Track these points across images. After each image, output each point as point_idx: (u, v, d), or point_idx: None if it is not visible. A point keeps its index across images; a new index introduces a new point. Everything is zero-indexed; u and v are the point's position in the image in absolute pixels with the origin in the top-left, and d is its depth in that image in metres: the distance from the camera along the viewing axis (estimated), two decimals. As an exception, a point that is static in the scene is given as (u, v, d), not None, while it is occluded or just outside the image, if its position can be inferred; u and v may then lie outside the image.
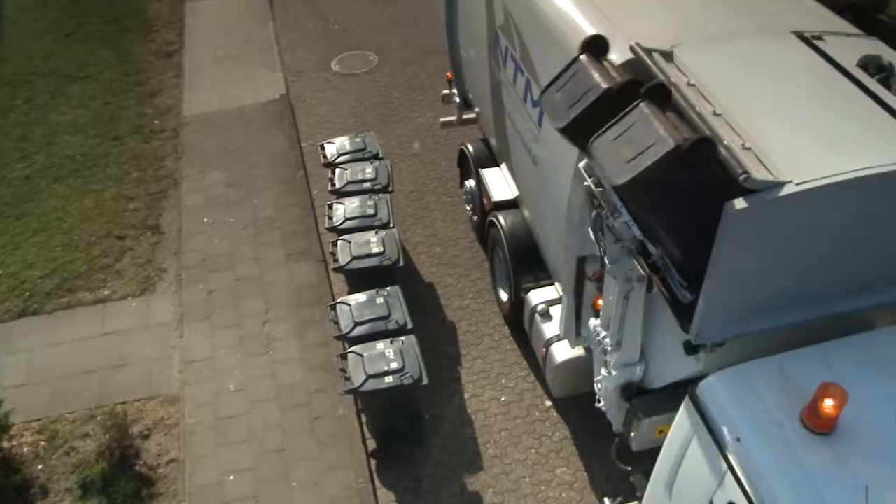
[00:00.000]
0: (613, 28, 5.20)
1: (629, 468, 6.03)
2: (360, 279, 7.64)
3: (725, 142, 4.08)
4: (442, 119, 9.80)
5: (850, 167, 4.03)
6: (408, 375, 6.54)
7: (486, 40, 7.23)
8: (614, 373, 5.50)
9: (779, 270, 4.38)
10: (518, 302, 7.64)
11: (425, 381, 6.58)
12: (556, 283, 7.03)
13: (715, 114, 4.36)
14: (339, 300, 7.19)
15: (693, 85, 4.59)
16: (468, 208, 9.39)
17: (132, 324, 8.22)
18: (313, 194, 9.94)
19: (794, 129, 4.33)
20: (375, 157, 8.89)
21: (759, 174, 3.93)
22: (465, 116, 9.49)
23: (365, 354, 6.65)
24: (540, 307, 7.13)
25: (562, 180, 5.69)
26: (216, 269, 8.82)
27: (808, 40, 5.07)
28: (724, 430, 3.85)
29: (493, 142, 8.28)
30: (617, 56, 4.89)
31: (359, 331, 6.96)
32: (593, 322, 5.74)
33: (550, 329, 6.94)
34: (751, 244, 4.09)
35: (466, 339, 8.19)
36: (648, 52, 4.80)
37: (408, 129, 11.15)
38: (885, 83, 4.69)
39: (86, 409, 7.38)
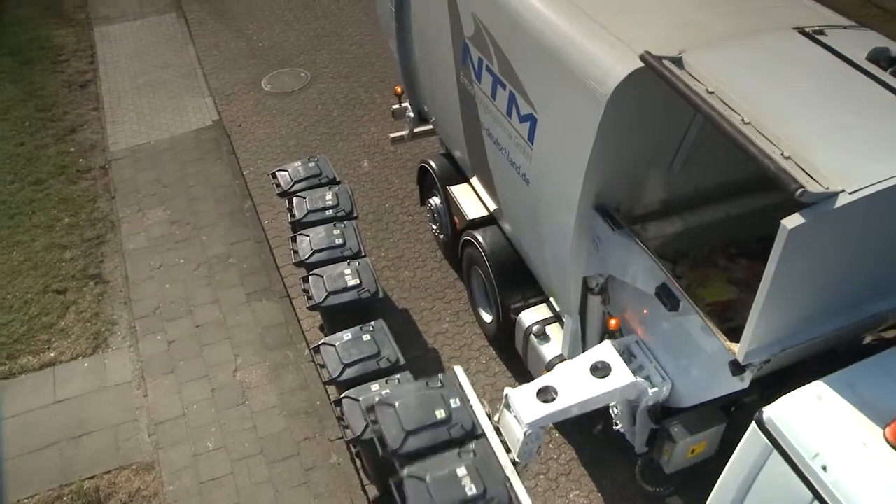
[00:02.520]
0: (614, 38, 4.93)
1: (658, 489, 5.81)
2: (337, 315, 7.17)
3: (769, 153, 3.88)
4: (392, 135, 9.41)
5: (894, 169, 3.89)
6: (412, 417, 6.11)
7: (452, 53, 6.87)
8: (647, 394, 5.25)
9: (826, 280, 4.23)
10: (506, 322, 7.33)
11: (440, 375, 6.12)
12: (551, 300, 6.74)
13: (744, 122, 4.15)
14: (322, 341, 6.69)
15: (712, 92, 4.37)
16: (434, 227, 9.02)
17: (88, 386, 7.49)
18: (265, 225, 9.37)
19: (826, 133, 4.16)
20: (333, 181, 8.42)
21: (811, 187, 3.73)
22: (417, 130, 9.16)
23: (361, 398, 6.19)
24: (535, 328, 6.85)
25: (562, 203, 5.40)
26: (173, 316, 8.17)
27: (812, 36, 4.92)
28: (806, 457, 3.62)
29: (460, 156, 7.93)
30: (625, 66, 4.63)
31: (349, 373, 6.49)
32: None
33: (550, 350, 6.67)
34: (804, 259, 3.89)
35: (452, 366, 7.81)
36: (659, 59, 4.55)
37: (353, 147, 10.69)
38: (899, 76, 4.59)
39: (49, 491, 6.63)
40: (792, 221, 3.68)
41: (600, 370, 5.25)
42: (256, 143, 10.72)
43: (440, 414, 5.43)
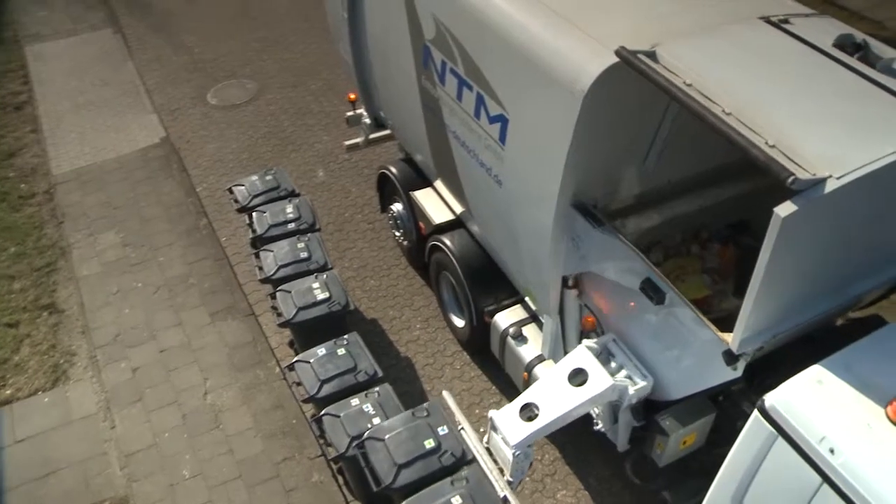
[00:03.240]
0: (585, 34, 4.91)
1: (651, 487, 5.80)
2: (308, 331, 7.00)
3: (755, 142, 3.89)
4: (346, 143, 9.28)
5: (878, 153, 3.93)
6: (397, 429, 6.00)
7: (412, 56, 6.76)
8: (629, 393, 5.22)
9: (814, 264, 4.27)
10: (480, 326, 7.26)
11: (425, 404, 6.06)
12: (526, 300, 6.68)
13: (725, 113, 4.16)
14: (296, 359, 6.51)
15: (690, 85, 4.37)
16: (397, 234, 8.90)
17: (50, 422, 7.16)
18: (223, 242, 9.11)
19: (805, 120, 4.20)
20: (292, 194, 8.25)
21: (800, 174, 3.75)
22: (372, 137, 9.04)
23: (342, 415, 6.05)
24: (511, 330, 6.79)
25: (539, 202, 5.35)
26: (135, 342, 7.87)
27: (778, 25, 4.97)
28: (812, 442, 3.63)
29: (422, 160, 7.83)
30: (600, 63, 4.60)
31: (327, 389, 6.33)
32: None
33: (529, 351, 6.61)
34: (796, 246, 3.91)
35: (427, 373, 7.71)
36: (634, 54, 4.53)
37: (307, 157, 10.50)
38: (866, 60, 4.66)
39: (18, 535, 6.35)
40: (784, 209, 3.69)
41: (578, 378, 5.15)
42: (207, 158, 10.44)
43: (429, 444, 5.52)
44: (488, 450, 5.38)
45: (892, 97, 4.32)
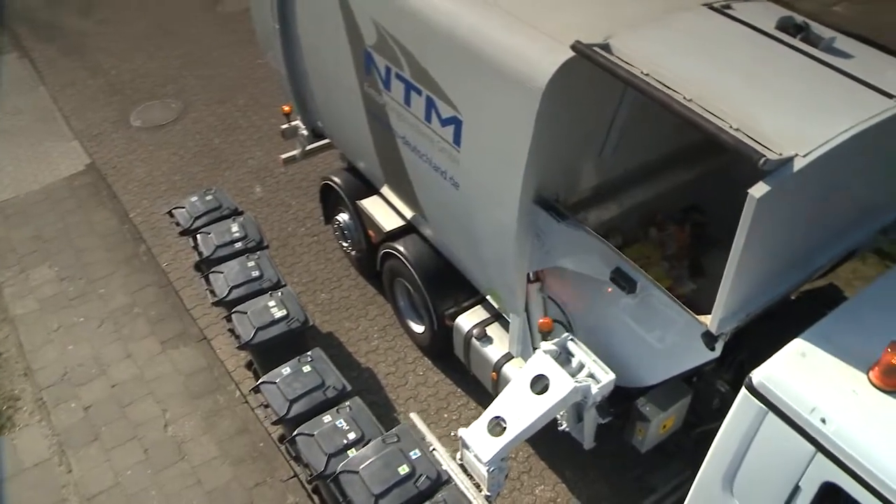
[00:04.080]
0: (536, 30, 4.93)
1: (637, 473, 5.86)
2: (269, 351, 6.82)
3: (723, 127, 3.97)
4: (283, 156, 9.08)
5: (836, 129, 4.07)
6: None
7: (352, 63, 6.66)
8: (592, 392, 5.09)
9: (785, 241, 4.40)
10: (441, 330, 7.22)
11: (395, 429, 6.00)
12: (489, 299, 6.65)
13: (686, 100, 4.23)
14: (261, 380, 6.34)
15: (647, 74, 4.43)
16: (344, 245, 8.78)
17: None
18: (165, 268, 8.82)
19: (763, 102, 4.31)
20: (235, 212, 8.04)
21: (770, 155, 3.85)
22: (310, 148, 8.90)
23: (316, 433, 5.92)
24: (475, 331, 6.76)
25: (501, 201, 5.34)
26: (84, 380, 7.53)
27: (722, 11, 5.11)
28: (803, 413, 3.72)
29: (367, 168, 7.73)
30: (555, 58, 4.62)
31: (297, 409, 6.18)
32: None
33: (495, 351, 6.60)
34: (769, 224, 4.01)
35: (391, 382, 7.63)
36: (590, 47, 4.57)
37: (242, 174, 10.26)
38: (808, 41, 4.82)
39: None
40: (758, 190, 3.77)
41: (539, 385, 5.03)
42: (137, 182, 10.08)
43: (403, 470, 5.45)
44: (462, 466, 5.33)
45: (839, 74, 4.49)
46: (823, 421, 3.67)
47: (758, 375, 3.93)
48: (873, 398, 3.71)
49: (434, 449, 5.70)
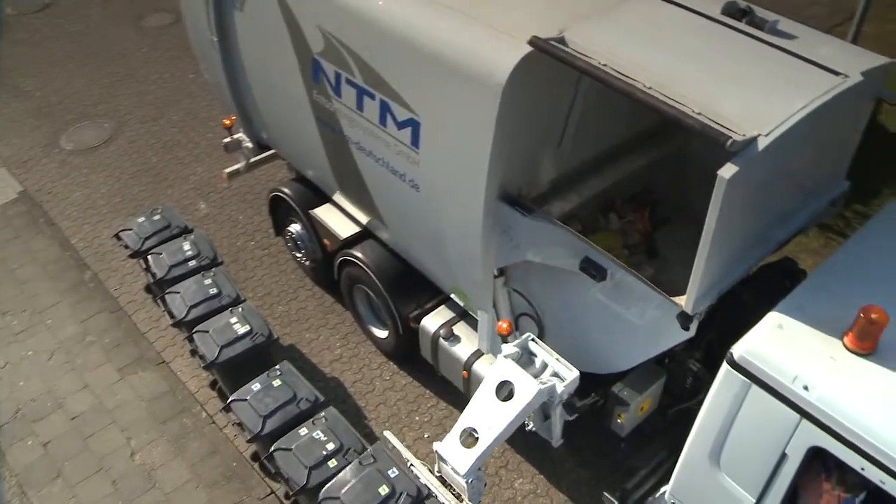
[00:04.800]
0: (490, 28, 4.97)
1: (618, 458, 5.95)
2: (235, 368, 6.71)
3: (686, 111, 4.08)
4: (226, 170, 8.90)
5: (792, 107, 4.22)
6: (352, 451, 5.88)
7: (299, 72, 6.59)
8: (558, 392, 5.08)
9: (750, 219, 4.56)
10: (406, 333, 7.21)
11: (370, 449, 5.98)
12: (453, 298, 6.66)
13: (647, 88, 4.33)
14: (231, 398, 6.23)
15: (605, 65, 4.52)
16: (298, 255, 8.68)
17: (-41, 521, 6.52)
18: (114, 293, 8.55)
19: (719, 85, 4.45)
20: (185, 230, 7.88)
21: (735, 136, 3.96)
22: (254, 160, 8.77)
23: (294, 447, 5.86)
24: (442, 332, 6.78)
25: (466, 200, 5.37)
26: (39, 415, 7.25)
27: (669, -1, 5.25)
28: (786, 383, 3.86)
29: (318, 177, 7.67)
30: (513, 54, 4.67)
31: (271, 424, 6.10)
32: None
33: (464, 350, 6.63)
34: (737, 203, 4.15)
35: (358, 390, 7.58)
36: (547, 42, 4.64)
37: (185, 191, 10.03)
38: (754, 24, 4.99)
39: None
40: (727, 171, 3.90)
41: (504, 391, 4.97)
42: (76, 207, 9.75)
43: (384, 490, 5.47)
44: (441, 479, 5.33)
45: (787, 55, 4.66)
46: (806, 388, 3.81)
47: (738, 350, 4.05)
48: (850, 362, 3.88)
49: (411, 464, 5.71)
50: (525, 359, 5.18)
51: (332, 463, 5.79)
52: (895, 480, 3.60)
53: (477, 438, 4.95)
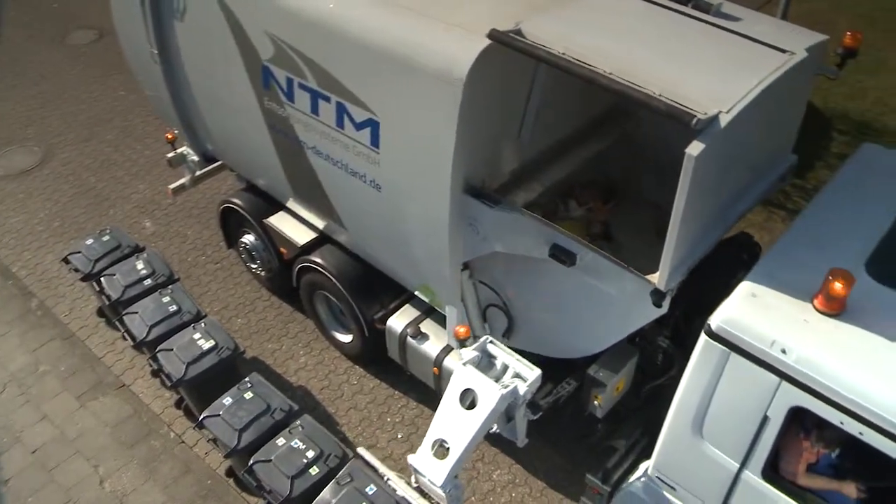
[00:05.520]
0: (445, 24, 5.02)
1: (595, 441, 6.05)
2: (203, 385, 6.60)
3: (649, 94, 4.20)
4: (171, 186, 8.74)
5: (747, 85, 4.38)
6: (332, 457, 5.85)
7: (248, 80, 6.51)
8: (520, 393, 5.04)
9: (714, 195, 4.71)
10: (372, 335, 7.19)
11: (351, 455, 5.96)
12: (418, 295, 6.67)
13: (608, 73, 4.44)
14: (204, 415, 6.12)
15: (564, 54, 4.62)
16: (253, 266, 8.56)
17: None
18: (63, 319, 8.29)
19: (675, 68, 4.57)
20: (137, 249, 7.72)
21: (699, 115, 4.10)
22: (200, 174, 8.64)
23: (273, 457, 5.79)
24: (409, 331, 6.79)
25: (431, 196, 5.40)
26: (-2, 451, 7.00)
27: (615, -13, 5.38)
28: (764, 348, 4.01)
29: (271, 185, 7.59)
30: (472, 48, 4.73)
31: (247, 438, 6.02)
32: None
33: (433, 347, 6.66)
34: (704, 179, 4.28)
35: (327, 396, 7.53)
36: (506, 34, 4.72)
37: (128, 210, 9.79)
38: (700, 7, 5.16)
39: None
40: (695, 148, 4.03)
41: (468, 399, 4.91)
42: (14, 234, 9.40)
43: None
44: (419, 489, 5.33)
45: (735, 35, 4.85)
46: (784, 351, 3.96)
47: (716, 320, 4.19)
48: (822, 323, 4.05)
49: (388, 479, 5.70)
50: (485, 362, 5.13)
51: (314, 470, 5.75)
52: (872, 430, 3.78)
53: (448, 449, 4.91)
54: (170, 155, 8.57)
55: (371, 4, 5.43)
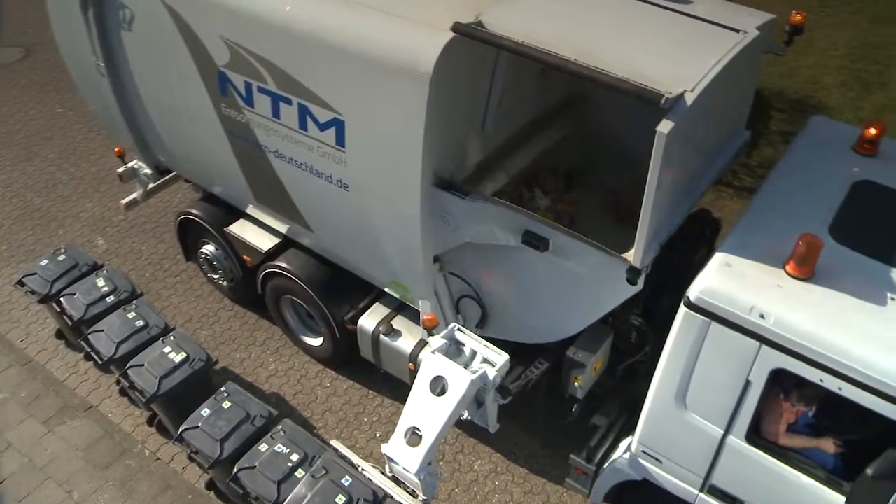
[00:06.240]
0: (406, 20, 5.06)
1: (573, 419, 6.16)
2: (177, 398, 6.49)
3: (619, 76, 4.32)
4: (123, 201, 8.59)
5: (708, 64, 4.54)
6: (317, 458, 5.82)
7: (203, 87, 6.42)
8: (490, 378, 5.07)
9: (682, 171, 4.86)
10: (344, 337, 7.19)
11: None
12: (388, 292, 6.68)
13: (574, 60, 4.54)
14: (183, 428, 6.03)
15: (529, 43, 4.70)
16: (214, 277, 8.46)
17: None
18: (20, 344, 8.05)
19: (637, 51, 4.70)
20: (95, 266, 7.56)
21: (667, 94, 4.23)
22: (152, 187, 8.49)
23: (257, 464, 5.75)
24: (382, 328, 6.80)
25: (401, 192, 5.44)
26: (-37, 484, 6.76)
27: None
28: (743, 314, 4.16)
29: (230, 193, 7.51)
30: (436, 42, 4.78)
31: (229, 447, 5.97)
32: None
33: (407, 343, 6.69)
34: (673, 156, 4.41)
35: (301, 401, 7.49)
36: (469, 26, 4.78)
37: (78, 229, 9.54)
38: (647, -8, 5.32)
39: None
40: (665, 127, 4.15)
41: (438, 386, 4.95)
42: (-42, 262, 9.11)
43: (341, 499, 5.48)
44: (395, 478, 5.36)
45: (690, 18, 5.01)
46: (762, 316, 4.12)
47: (694, 291, 4.33)
48: (795, 287, 4.23)
49: (362, 469, 5.73)
50: (453, 349, 5.17)
51: (300, 473, 5.73)
52: (850, 385, 3.97)
53: (421, 437, 4.95)
54: (120, 169, 8.40)
55: (328, 4, 5.43)
